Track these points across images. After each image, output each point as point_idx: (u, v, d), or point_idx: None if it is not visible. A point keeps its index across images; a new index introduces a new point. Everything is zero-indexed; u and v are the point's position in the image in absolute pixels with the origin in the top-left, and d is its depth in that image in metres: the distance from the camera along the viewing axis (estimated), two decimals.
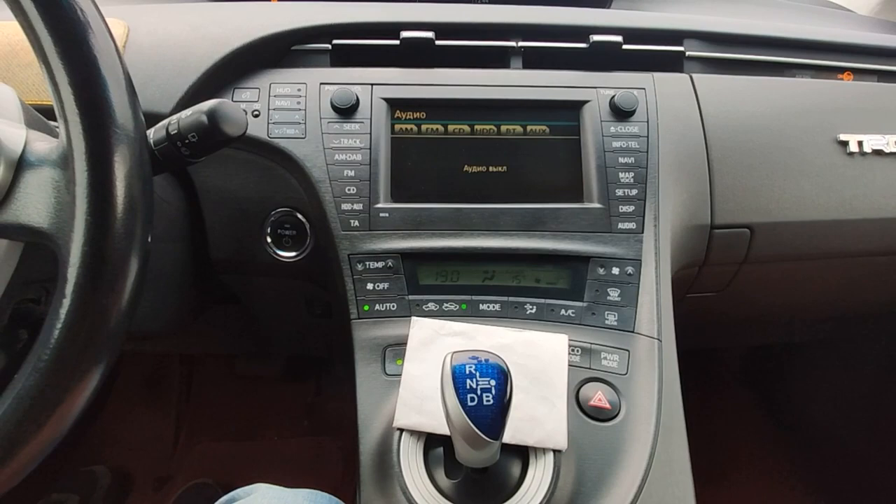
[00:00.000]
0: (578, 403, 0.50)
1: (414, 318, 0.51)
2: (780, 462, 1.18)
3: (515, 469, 0.45)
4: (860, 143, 0.65)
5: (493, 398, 0.37)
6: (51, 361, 0.34)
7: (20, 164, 0.37)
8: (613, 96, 0.60)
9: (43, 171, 0.37)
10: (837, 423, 1.15)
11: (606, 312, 0.55)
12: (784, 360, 1.24)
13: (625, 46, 0.64)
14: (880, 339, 1.05)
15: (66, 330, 0.34)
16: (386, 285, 0.55)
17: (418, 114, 0.60)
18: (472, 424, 0.37)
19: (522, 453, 0.46)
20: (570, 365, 0.50)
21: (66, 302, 0.34)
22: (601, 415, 0.50)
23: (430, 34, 0.62)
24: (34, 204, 0.36)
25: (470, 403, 0.37)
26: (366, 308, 0.55)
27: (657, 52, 0.66)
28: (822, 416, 1.18)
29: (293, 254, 0.62)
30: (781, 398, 1.24)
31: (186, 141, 0.43)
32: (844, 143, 0.65)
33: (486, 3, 0.71)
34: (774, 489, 1.15)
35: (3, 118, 0.40)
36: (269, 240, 0.62)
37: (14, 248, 0.41)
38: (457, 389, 0.37)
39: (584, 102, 0.61)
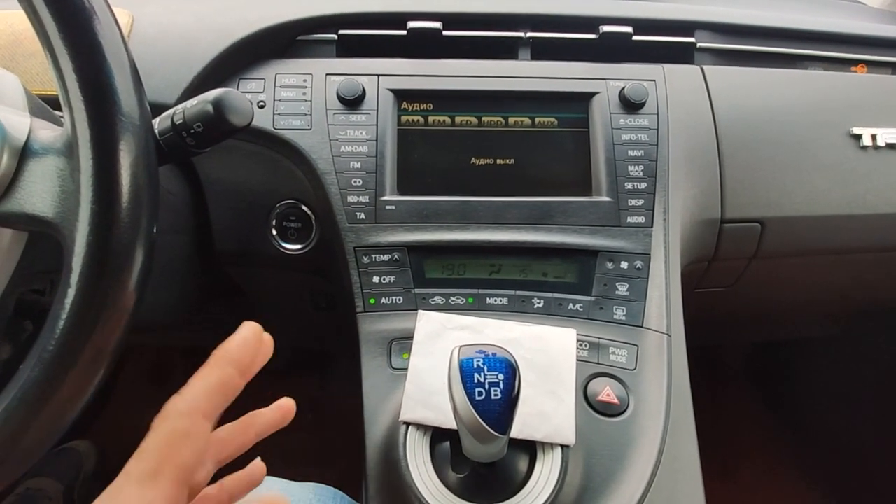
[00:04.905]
0: (586, 398, 0.50)
1: (420, 312, 0.51)
2: (789, 458, 1.18)
3: (523, 464, 0.45)
4: (874, 137, 0.64)
5: (501, 392, 0.36)
6: (55, 353, 0.34)
7: (24, 153, 0.37)
8: (623, 88, 0.59)
9: (47, 160, 0.36)
10: (846, 419, 1.14)
11: (615, 307, 0.54)
12: (792, 357, 1.23)
13: (635, 37, 0.63)
14: (890, 335, 1.04)
15: (71, 321, 0.34)
16: (392, 278, 0.55)
17: (425, 105, 0.59)
18: (479, 419, 0.36)
19: (530, 448, 0.45)
20: (577, 360, 0.49)
21: (71, 292, 0.34)
22: (609, 410, 0.49)
23: (437, 24, 0.62)
24: (39, 193, 0.36)
25: (478, 398, 0.36)
26: (372, 301, 0.54)
27: (668, 43, 0.65)
28: (831, 412, 1.17)
29: (298, 246, 0.61)
30: (790, 395, 1.23)
31: (192, 131, 0.43)
32: (858, 137, 0.64)
33: None
34: (783, 485, 1.15)
35: (7, 106, 0.40)
36: (274, 232, 0.61)
37: (19, 238, 0.41)
38: (464, 383, 0.36)
39: (594, 94, 0.60)
